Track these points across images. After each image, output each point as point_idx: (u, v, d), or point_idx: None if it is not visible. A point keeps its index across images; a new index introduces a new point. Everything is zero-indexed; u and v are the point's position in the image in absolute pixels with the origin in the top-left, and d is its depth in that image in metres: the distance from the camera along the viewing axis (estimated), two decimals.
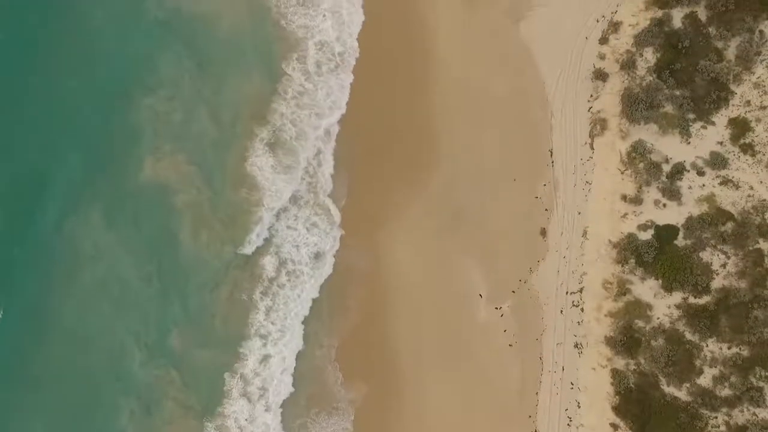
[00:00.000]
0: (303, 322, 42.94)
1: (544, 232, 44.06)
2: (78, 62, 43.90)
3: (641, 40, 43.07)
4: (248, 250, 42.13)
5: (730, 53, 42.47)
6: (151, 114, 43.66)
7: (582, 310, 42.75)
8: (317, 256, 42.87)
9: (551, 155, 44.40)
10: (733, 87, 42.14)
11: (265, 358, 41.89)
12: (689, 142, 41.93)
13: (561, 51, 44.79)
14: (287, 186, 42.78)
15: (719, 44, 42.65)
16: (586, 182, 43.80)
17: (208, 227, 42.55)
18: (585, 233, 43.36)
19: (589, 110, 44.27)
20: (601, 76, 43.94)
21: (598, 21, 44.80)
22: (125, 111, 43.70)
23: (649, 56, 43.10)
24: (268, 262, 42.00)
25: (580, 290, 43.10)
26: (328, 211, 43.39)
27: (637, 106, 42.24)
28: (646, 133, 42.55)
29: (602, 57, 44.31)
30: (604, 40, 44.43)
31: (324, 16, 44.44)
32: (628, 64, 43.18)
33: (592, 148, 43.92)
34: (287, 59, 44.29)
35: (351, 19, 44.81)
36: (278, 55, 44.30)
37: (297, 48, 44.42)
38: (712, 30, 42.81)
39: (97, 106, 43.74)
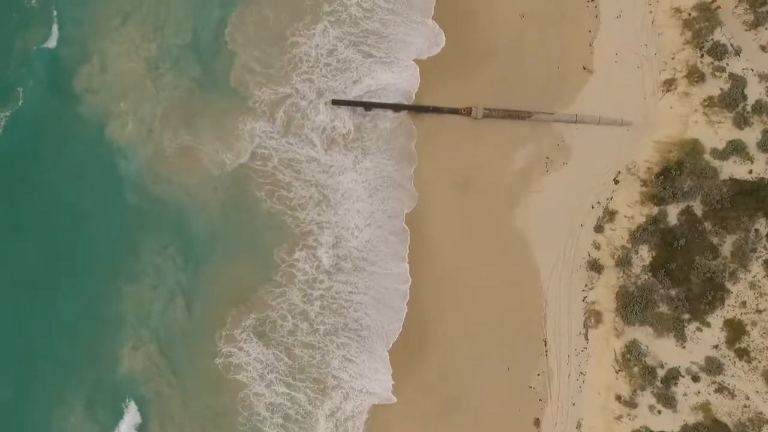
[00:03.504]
0: None
1: (537, 423, 43.60)
2: (64, 249, 43.86)
3: (637, 237, 42.69)
4: None
5: (726, 249, 42.11)
6: (132, 302, 43.48)
7: None
8: None
9: (545, 344, 43.94)
10: (728, 285, 41.74)
11: None
12: (684, 346, 41.52)
13: (556, 238, 44.40)
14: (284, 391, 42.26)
15: (715, 240, 42.27)
16: (581, 373, 43.39)
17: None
18: (579, 425, 42.97)
19: (583, 300, 43.85)
20: (596, 267, 43.54)
21: (593, 207, 44.40)
22: (107, 298, 43.66)
23: (645, 254, 42.71)
24: None
25: None
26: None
27: (632, 307, 41.85)
28: (641, 334, 42.16)
29: (597, 246, 43.93)
30: (599, 228, 44.04)
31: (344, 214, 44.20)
32: (623, 262, 42.79)
33: (587, 339, 43.52)
34: (287, 251, 43.74)
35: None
36: (272, 245, 43.83)
37: (303, 240, 43.93)
38: (707, 225, 42.44)
39: (81, 292, 43.69)
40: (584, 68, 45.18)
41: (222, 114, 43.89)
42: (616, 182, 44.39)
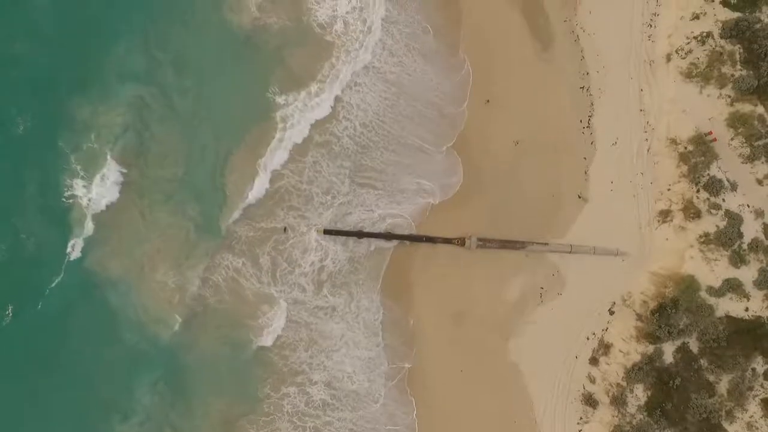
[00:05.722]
0: None
1: None
2: (56, 386, 42.82)
3: (632, 376, 42.14)
4: None
5: (722, 388, 41.63)
6: None
7: None
8: None
9: None
10: (725, 425, 41.26)
11: None
12: None
13: (551, 369, 43.88)
14: None
15: (711, 377, 41.80)
16: None
17: None
18: None
19: None
20: (590, 402, 43.05)
21: (588, 339, 43.89)
22: None
23: (640, 393, 42.20)
24: None
25: None
26: None
27: None
28: None
29: (592, 380, 43.42)
30: (594, 361, 43.53)
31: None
32: (618, 400, 42.29)
33: None
34: (273, 386, 43.05)
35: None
36: (258, 380, 43.08)
37: (291, 378, 43.16)
38: (703, 363, 41.96)
39: (72, 429, 42.96)
40: (579, 196, 44.69)
41: (210, 253, 43.05)
42: (611, 313, 43.92)
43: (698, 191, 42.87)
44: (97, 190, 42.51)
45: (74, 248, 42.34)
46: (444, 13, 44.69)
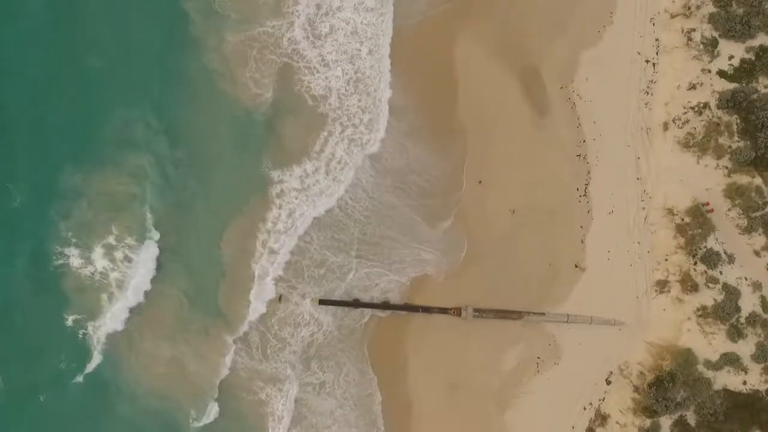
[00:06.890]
0: None
1: None
2: None
3: None
4: None
5: None
6: None
7: None
8: None
9: None
10: None
11: None
12: None
13: None
14: None
15: None
16: None
17: None
18: None
19: None
20: None
21: (585, 408, 43.71)
22: None
23: None
24: None
25: None
26: None
27: None
28: None
29: None
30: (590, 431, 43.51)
31: None
32: None
33: None
34: None
35: None
36: None
37: None
38: None
39: None
40: (576, 266, 44.46)
41: (205, 329, 42.76)
42: (608, 383, 43.70)
43: (695, 263, 42.65)
44: (102, 264, 41.87)
45: (76, 322, 42.03)
46: (440, 86, 44.38)
